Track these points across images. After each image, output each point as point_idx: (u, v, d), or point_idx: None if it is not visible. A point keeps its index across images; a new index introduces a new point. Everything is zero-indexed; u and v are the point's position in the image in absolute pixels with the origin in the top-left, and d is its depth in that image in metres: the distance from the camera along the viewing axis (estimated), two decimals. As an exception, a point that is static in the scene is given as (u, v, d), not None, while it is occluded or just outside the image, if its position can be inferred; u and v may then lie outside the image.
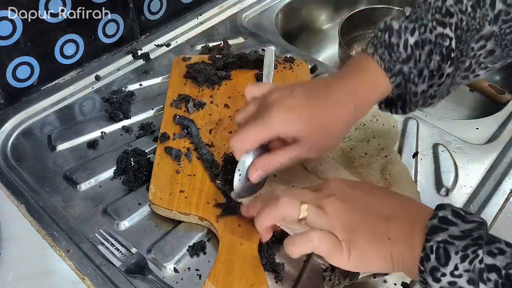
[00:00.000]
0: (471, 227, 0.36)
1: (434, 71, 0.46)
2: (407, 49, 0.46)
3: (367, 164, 0.60)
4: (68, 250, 0.54)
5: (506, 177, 0.63)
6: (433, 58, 0.45)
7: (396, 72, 0.47)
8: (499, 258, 0.34)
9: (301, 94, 0.48)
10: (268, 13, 0.98)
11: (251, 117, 0.50)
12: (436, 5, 0.46)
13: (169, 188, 0.58)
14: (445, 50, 0.45)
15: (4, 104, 0.72)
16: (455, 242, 0.35)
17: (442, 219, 0.37)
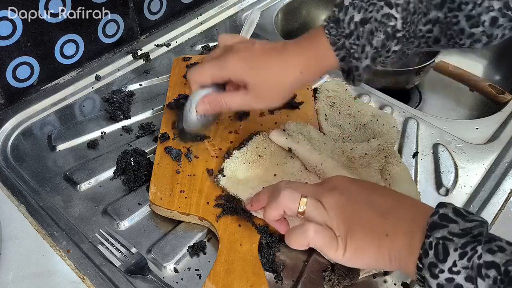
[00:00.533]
0: (472, 226, 0.36)
1: (378, 48, 0.47)
2: (350, 25, 0.48)
3: (367, 165, 0.61)
4: (68, 250, 0.54)
5: (506, 177, 0.63)
6: (376, 35, 0.47)
7: (340, 46, 0.49)
8: (499, 255, 0.34)
9: (259, 49, 0.54)
10: (268, 13, 0.98)
11: (214, 58, 0.56)
12: None
13: (169, 188, 0.58)
14: (390, 29, 0.46)
15: (4, 104, 0.72)
16: (455, 239, 0.35)
17: (443, 216, 0.37)
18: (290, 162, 0.60)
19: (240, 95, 0.54)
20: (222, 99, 0.55)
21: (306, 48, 0.52)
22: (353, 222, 0.42)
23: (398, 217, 0.41)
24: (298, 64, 0.52)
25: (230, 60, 0.53)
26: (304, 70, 0.52)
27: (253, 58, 0.53)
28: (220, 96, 0.55)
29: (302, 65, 0.51)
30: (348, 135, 0.65)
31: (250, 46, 0.54)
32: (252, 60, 0.53)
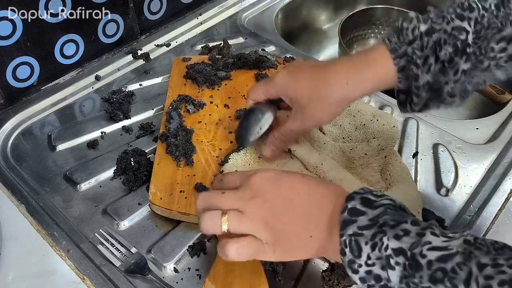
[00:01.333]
0: (379, 213, 0.38)
1: (445, 62, 0.45)
2: (415, 33, 0.45)
3: (366, 165, 0.61)
4: (68, 250, 0.54)
5: (506, 177, 0.63)
6: (444, 48, 0.44)
7: (401, 54, 0.46)
8: (404, 240, 0.35)
9: (308, 64, 0.53)
10: (268, 13, 0.98)
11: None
12: (460, 1, 0.45)
13: (169, 188, 0.58)
14: (460, 43, 0.44)
15: (4, 104, 0.72)
16: (364, 232, 0.37)
17: (352, 210, 0.39)
18: (290, 163, 0.60)
19: (289, 122, 0.53)
20: (278, 135, 0.55)
21: (358, 58, 0.49)
22: (278, 228, 0.43)
23: (317, 216, 0.42)
24: (346, 73, 0.48)
25: (278, 75, 0.53)
26: (351, 80, 0.48)
27: (299, 71, 0.52)
28: (276, 134, 0.55)
29: (351, 75, 0.48)
30: (348, 135, 0.65)
31: (301, 63, 0.54)
32: (297, 73, 0.52)
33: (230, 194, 0.45)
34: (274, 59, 0.79)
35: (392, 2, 1.08)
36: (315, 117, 0.51)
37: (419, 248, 0.34)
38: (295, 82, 0.51)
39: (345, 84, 0.48)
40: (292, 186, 0.44)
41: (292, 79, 0.52)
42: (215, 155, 0.63)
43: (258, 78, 0.75)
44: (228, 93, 0.72)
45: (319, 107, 0.50)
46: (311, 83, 0.50)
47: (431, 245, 0.34)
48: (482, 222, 0.58)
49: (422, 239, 0.35)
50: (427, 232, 0.35)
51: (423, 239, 0.35)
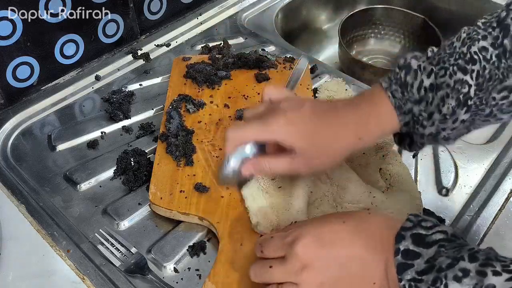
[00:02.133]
0: (434, 253, 0.37)
1: (447, 115, 0.45)
2: (420, 91, 0.45)
3: (365, 164, 0.61)
4: (68, 250, 0.54)
5: (506, 177, 0.63)
6: (447, 102, 0.44)
7: (406, 111, 0.46)
8: (465, 282, 0.34)
9: (308, 111, 0.49)
10: (268, 13, 0.98)
11: (257, 117, 0.51)
12: (461, 51, 0.44)
13: (169, 188, 0.58)
14: (462, 96, 0.44)
15: (4, 104, 0.72)
16: (424, 277, 0.36)
17: (406, 253, 0.38)
18: None
19: (287, 160, 0.49)
20: (266, 163, 0.50)
21: (363, 110, 0.48)
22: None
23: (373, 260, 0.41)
24: (353, 129, 0.48)
25: (277, 123, 0.48)
26: (364, 136, 0.48)
27: (302, 121, 0.48)
28: (265, 160, 0.50)
29: (358, 130, 0.48)
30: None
31: (298, 107, 0.49)
32: (301, 124, 0.48)
33: (279, 268, 0.44)
34: (274, 59, 0.79)
35: (392, 2, 1.08)
36: (319, 165, 0.50)
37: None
38: (299, 132, 0.48)
39: (358, 139, 0.48)
40: (338, 240, 0.43)
41: (294, 130, 0.48)
42: (215, 155, 0.62)
43: (258, 78, 0.75)
44: (228, 93, 0.72)
45: (327, 158, 0.49)
46: (320, 136, 0.48)
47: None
48: (482, 222, 0.58)
49: (484, 281, 0.34)
50: (488, 272, 0.34)
51: (485, 281, 0.34)
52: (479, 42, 0.44)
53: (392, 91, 0.46)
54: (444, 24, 1.00)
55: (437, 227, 0.39)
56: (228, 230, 0.54)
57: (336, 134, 0.48)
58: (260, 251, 0.46)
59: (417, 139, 0.48)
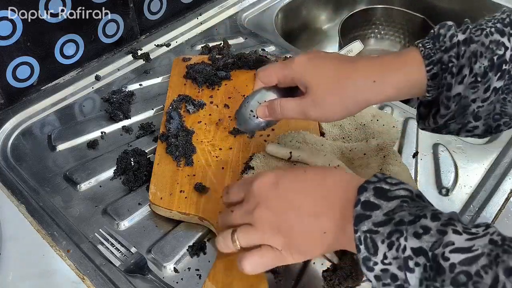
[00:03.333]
0: (394, 206, 0.36)
1: (478, 76, 0.42)
2: (453, 40, 0.43)
3: (365, 165, 0.60)
4: (68, 250, 0.54)
5: (506, 177, 0.63)
6: (480, 61, 0.42)
7: (435, 61, 0.44)
8: (425, 239, 0.34)
9: (332, 56, 0.49)
10: (268, 13, 0.98)
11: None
12: (501, 17, 0.44)
13: (169, 188, 0.58)
14: (496, 58, 0.42)
15: (4, 104, 0.72)
16: (380, 229, 0.35)
17: (365, 204, 0.37)
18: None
19: (297, 101, 0.48)
20: (278, 103, 0.49)
21: (388, 59, 0.46)
22: (289, 231, 0.42)
23: (328, 213, 0.40)
24: (373, 72, 0.45)
25: (298, 59, 0.49)
26: (379, 79, 0.45)
27: (321, 60, 0.48)
28: (277, 101, 0.50)
29: (378, 74, 0.45)
30: (348, 135, 0.65)
31: (324, 53, 0.49)
32: (318, 62, 0.48)
33: (237, 209, 0.45)
34: (274, 59, 0.79)
35: (392, 2, 1.08)
36: (327, 111, 0.47)
37: (441, 249, 0.33)
38: (316, 70, 0.47)
39: (372, 81, 0.45)
40: (295, 184, 0.43)
41: (313, 67, 0.47)
42: (215, 155, 0.63)
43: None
44: (228, 93, 0.72)
45: (337, 99, 0.47)
46: (335, 75, 0.46)
47: (454, 246, 0.32)
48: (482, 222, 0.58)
49: (444, 238, 0.33)
50: (449, 230, 0.33)
51: (445, 238, 0.33)
52: None
53: (424, 43, 0.45)
54: (444, 24, 1.00)
55: (402, 185, 0.38)
56: (228, 230, 0.53)
57: (352, 73, 0.46)
58: (226, 193, 0.47)
59: (444, 100, 0.44)
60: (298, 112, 0.48)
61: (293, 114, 0.49)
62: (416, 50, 0.45)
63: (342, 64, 0.47)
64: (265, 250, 0.43)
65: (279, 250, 0.42)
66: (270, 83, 0.51)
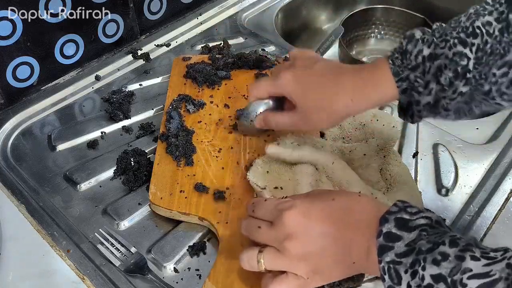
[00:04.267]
0: (415, 237, 0.38)
1: (445, 86, 0.46)
2: (418, 58, 0.46)
3: (366, 165, 0.60)
4: (68, 250, 0.54)
5: (506, 177, 0.63)
6: (445, 72, 0.45)
7: (403, 78, 0.47)
8: (443, 265, 0.35)
9: (317, 70, 0.53)
10: (268, 13, 0.98)
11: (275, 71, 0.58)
12: (465, 25, 0.45)
13: (169, 188, 0.58)
14: (460, 68, 0.45)
15: (4, 104, 0.72)
16: (403, 260, 0.37)
17: (387, 235, 0.39)
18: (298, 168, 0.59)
19: (289, 116, 0.55)
20: (273, 118, 0.57)
21: (364, 75, 0.50)
22: (317, 262, 0.43)
23: (356, 242, 0.42)
24: (352, 90, 0.50)
25: (285, 77, 0.53)
26: (356, 97, 0.50)
27: (307, 78, 0.53)
28: (272, 115, 0.57)
29: (356, 92, 0.50)
30: (348, 135, 0.65)
31: (310, 65, 0.53)
32: (305, 81, 0.52)
33: (265, 230, 0.45)
34: (274, 59, 0.79)
35: (392, 2, 1.08)
36: (316, 124, 0.54)
37: (459, 275, 0.34)
38: (303, 89, 0.52)
39: (350, 101, 0.50)
40: (324, 216, 0.44)
41: (299, 86, 0.52)
42: (215, 155, 0.63)
43: (258, 78, 0.75)
44: (228, 93, 0.72)
45: (324, 117, 0.52)
46: (319, 94, 0.51)
47: (472, 273, 0.33)
48: (482, 222, 0.58)
49: (462, 265, 0.34)
50: (467, 256, 0.34)
51: (463, 265, 0.34)
52: (484, 17, 0.44)
53: (393, 58, 0.48)
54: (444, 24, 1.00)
55: (421, 213, 0.39)
56: (228, 230, 0.53)
57: (334, 95, 0.51)
58: (252, 211, 0.48)
59: (414, 108, 0.49)
60: (290, 125, 0.56)
61: (286, 127, 0.57)
62: (387, 65, 0.48)
63: (327, 81, 0.52)
64: (291, 278, 0.43)
65: (304, 278, 0.43)
66: (262, 97, 0.58)
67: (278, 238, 0.44)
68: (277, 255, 0.44)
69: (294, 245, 0.43)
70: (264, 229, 0.45)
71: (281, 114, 0.56)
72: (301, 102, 0.52)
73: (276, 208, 0.45)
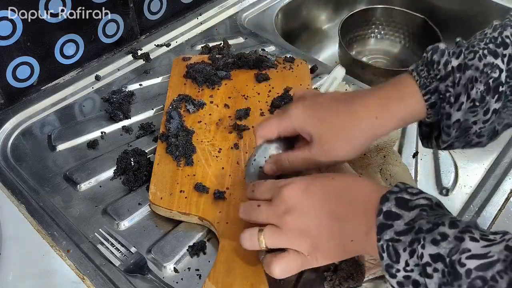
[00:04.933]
0: (415, 216, 0.37)
1: (476, 101, 0.43)
2: (447, 67, 0.43)
3: (366, 165, 0.60)
4: (68, 250, 0.54)
5: (506, 177, 0.63)
6: (476, 86, 0.42)
7: (432, 90, 0.44)
8: (442, 245, 0.34)
9: (327, 98, 0.49)
10: (268, 13, 0.98)
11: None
12: (492, 36, 0.43)
13: (169, 188, 0.58)
14: (492, 81, 0.42)
15: (4, 104, 0.72)
16: (401, 238, 0.37)
17: (387, 213, 0.38)
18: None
19: (304, 151, 0.48)
20: (286, 157, 0.50)
21: (386, 91, 0.46)
22: (316, 237, 0.42)
23: (355, 217, 0.41)
24: (374, 108, 0.45)
25: (294, 110, 0.49)
26: (381, 114, 0.45)
27: (318, 106, 0.48)
28: (284, 154, 0.50)
29: (379, 109, 0.45)
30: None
31: (317, 96, 0.50)
32: (316, 109, 0.48)
33: (265, 208, 0.45)
34: (274, 59, 0.79)
35: (392, 2, 1.08)
36: (337, 153, 0.48)
37: (458, 255, 0.33)
38: (316, 119, 0.47)
39: (374, 118, 0.45)
40: (324, 193, 0.43)
41: (312, 116, 0.48)
42: (215, 155, 0.62)
43: (258, 78, 0.75)
44: (228, 93, 0.72)
45: (345, 143, 0.47)
46: (337, 121, 0.47)
47: (470, 253, 0.33)
48: (482, 222, 0.58)
49: (461, 245, 0.34)
50: (466, 237, 0.34)
51: (462, 245, 0.34)
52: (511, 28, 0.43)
53: (418, 70, 0.45)
54: (444, 24, 1.00)
55: (422, 194, 0.39)
56: (228, 230, 0.53)
57: (353, 115, 0.46)
58: (252, 191, 0.47)
59: (443, 125, 0.45)
60: (308, 162, 0.49)
61: (303, 165, 0.49)
62: (411, 79, 0.45)
63: (340, 106, 0.47)
64: (293, 255, 0.43)
65: (305, 255, 0.43)
66: (271, 138, 0.51)
67: (277, 213, 0.43)
68: (277, 232, 0.43)
69: (293, 219, 0.42)
70: (264, 207, 0.45)
71: (295, 151, 0.49)
72: (317, 134, 0.47)
73: (275, 185, 0.45)
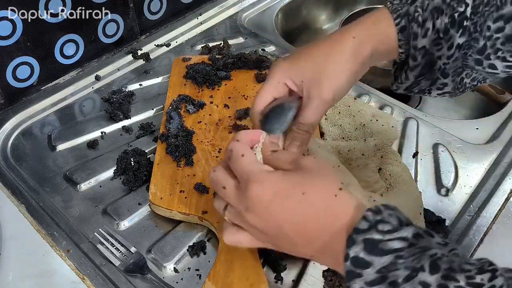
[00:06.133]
0: (388, 263, 0.33)
1: (440, 32, 0.44)
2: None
3: (363, 165, 0.60)
4: (68, 250, 0.54)
5: (506, 177, 0.63)
6: (441, 17, 0.44)
7: (402, 14, 0.46)
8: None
9: (304, 46, 0.49)
10: (268, 13, 0.98)
11: None
12: None
13: (169, 188, 0.58)
14: (457, 15, 0.43)
15: (4, 104, 0.72)
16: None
17: (355, 260, 0.34)
18: None
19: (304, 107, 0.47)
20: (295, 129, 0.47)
21: (360, 19, 0.48)
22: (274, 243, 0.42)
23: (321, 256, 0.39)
24: (350, 30, 0.47)
25: (274, 68, 0.49)
26: (358, 33, 0.46)
27: (298, 52, 0.48)
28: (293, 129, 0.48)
29: (355, 30, 0.47)
30: (347, 135, 0.65)
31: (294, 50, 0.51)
32: (294, 55, 0.48)
33: (229, 192, 0.43)
34: (274, 59, 0.79)
35: (392, 2, 1.07)
36: (332, 83, 0.46)
37: None
38: (297, 62, 0.47)
39: (352, 38, 0.46)
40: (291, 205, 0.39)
41: (292, 62, 0.48)
42: (215, 155, 0.63)
43: (258, 78, 0.75)
44: (228, 93, 0.72)
45: (335, 71, 0.46)
46: (318, 53, 0.47)
47: None
48: (482, 222, 0.58)
49: None
50: (451, 286, 0.31)
51: None
52: None
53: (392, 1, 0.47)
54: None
55: (395, 233, 0.34)
56: (228, 230, 0.53)
57: (333, 42, 0.47)
58: (228, 157, 0.44)
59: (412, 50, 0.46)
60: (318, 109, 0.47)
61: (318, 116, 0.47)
62: (385, 9, 0.47)
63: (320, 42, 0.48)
64: (247, 236, 0.43)
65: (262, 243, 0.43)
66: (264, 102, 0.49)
67: (239, 205, 0.41)
68: (237, 217, 0.43)
69: (253, 218, 0.41)
70: (229, 190, 0.42)
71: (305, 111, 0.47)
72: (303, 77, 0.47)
73: (247, 170, 0.41)
